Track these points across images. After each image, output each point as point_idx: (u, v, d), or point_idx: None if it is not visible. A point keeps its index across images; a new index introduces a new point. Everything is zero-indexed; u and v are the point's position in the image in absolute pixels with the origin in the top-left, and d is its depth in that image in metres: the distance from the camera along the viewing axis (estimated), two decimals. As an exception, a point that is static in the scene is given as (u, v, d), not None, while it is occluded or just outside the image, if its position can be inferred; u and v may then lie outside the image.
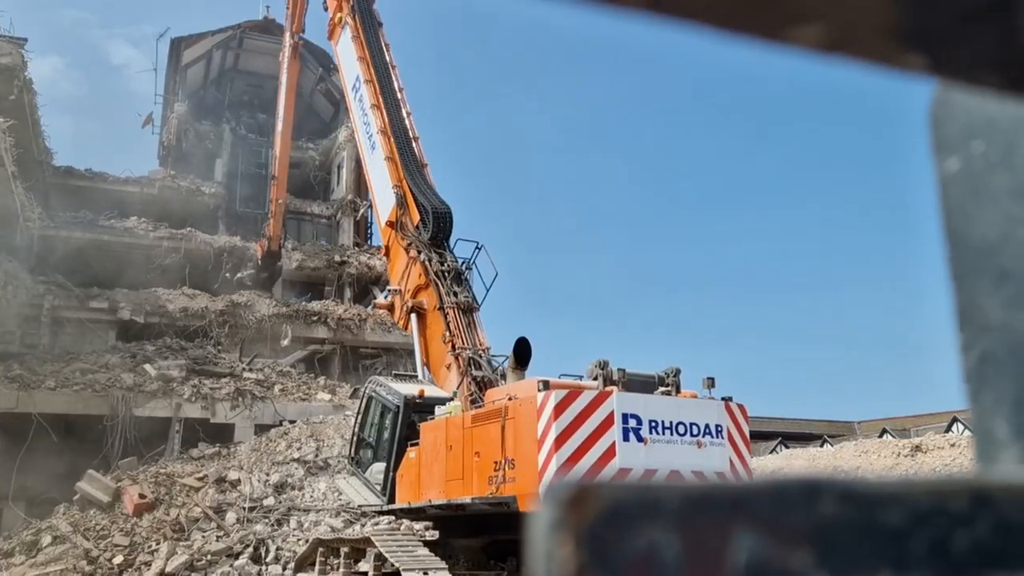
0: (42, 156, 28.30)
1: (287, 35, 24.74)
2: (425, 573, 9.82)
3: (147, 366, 23.44)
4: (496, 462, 9.60)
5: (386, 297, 14.36)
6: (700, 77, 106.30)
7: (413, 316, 13.12)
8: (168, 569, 15.51)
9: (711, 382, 10.16)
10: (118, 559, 15.88)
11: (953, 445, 20.44)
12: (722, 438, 9.68)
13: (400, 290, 13.67)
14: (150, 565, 15.68)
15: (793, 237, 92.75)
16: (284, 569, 15.57)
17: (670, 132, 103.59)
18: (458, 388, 11.71)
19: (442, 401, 11.57)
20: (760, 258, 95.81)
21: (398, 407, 12.10)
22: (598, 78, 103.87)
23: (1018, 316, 0.52)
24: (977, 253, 0.55)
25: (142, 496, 17.63)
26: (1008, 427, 0.52)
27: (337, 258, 32.88)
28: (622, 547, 0.33)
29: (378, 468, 12.33)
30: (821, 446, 29.29)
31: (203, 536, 16.69)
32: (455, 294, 12.59)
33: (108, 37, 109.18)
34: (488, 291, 13.14)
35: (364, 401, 13.37)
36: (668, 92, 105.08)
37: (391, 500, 11.80)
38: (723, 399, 10.04)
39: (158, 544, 16.27)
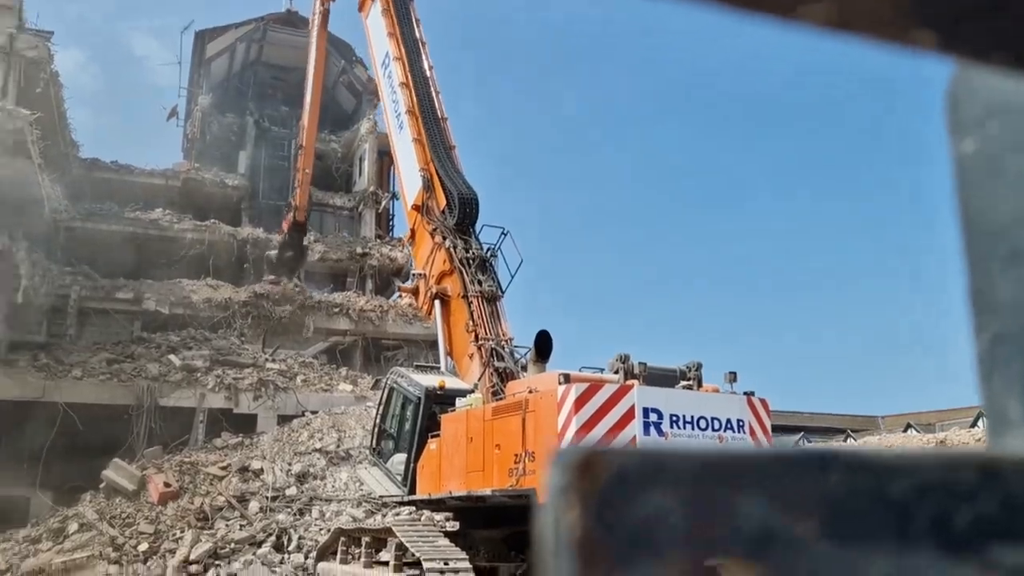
0: (68, 149, 28.63)
1: (316, 2, 24.79)
2: (446, 563, 9.85)
3: (172, 356, 23.68)
4: (516, 455, 9.61)
5: (411, 281, 14.33)
6: (706, 72, 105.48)
7: (437, 302, 13.11)
8: (192, 556, 15.69)
9: (733, 376, 10.09)
10: (143, 546, 16.09)
11: (978, 440, 20.21)
12: (744, 433, 9.63)
13: (425, 275, 13.64)
14: (174, 552, 15.87)
15: (814, 231, 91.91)
16: (306, 558, 15.70)
17: (679, 129, 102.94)
18: (479, 380, 11.71)
19: (463, 393, 11.58)
20: (782, 252, 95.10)
21: (419, 398, 12.12)
22: (612, 73, 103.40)
23: None
24: (991, 234, 0.54)
25: (167, 485, 17.84)
26: (1020, 407, 0.52)
27: (359, 250, 33.01)
28: (629, 512, 0.33)
29: (399, 459, 12.38)
30: (844, 440, 29.09)
31: (226, 525, 16.87)
32: (479, 282, 12.56)
33: (130, 29, 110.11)
34: (513, 278, 13.08)
35: (385, 392, 13.40)
36: (678, 88, 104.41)
37: (412, 491, 11.84)
38: (745, 393, 9.98)
39: (182, 532, 16.47)
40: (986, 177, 0.55)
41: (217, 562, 15.73)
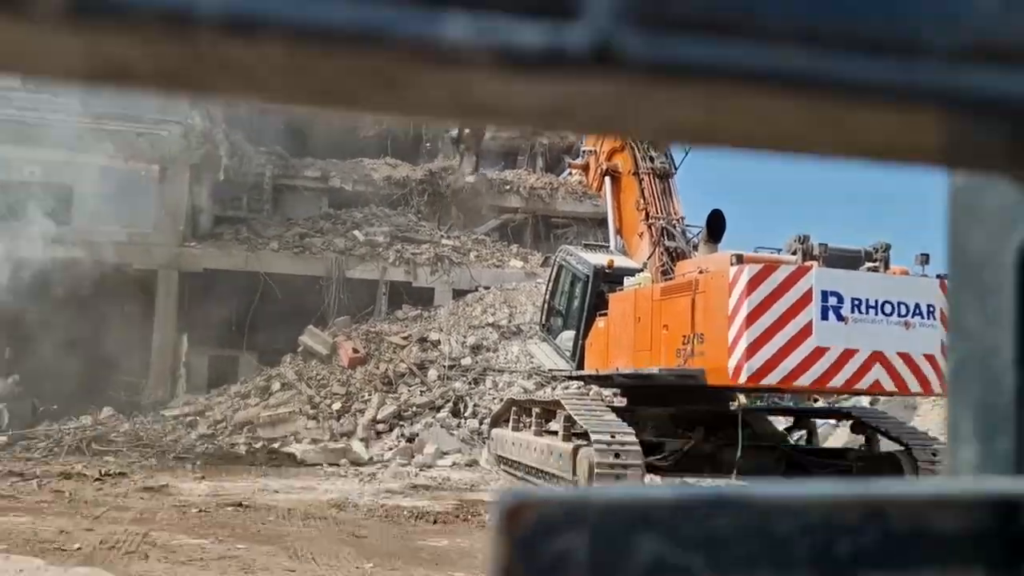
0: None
1: None
2: (613, 436, 10.06)
3: (355, 232, 25.00)
4: (684, 336, 9.51)
5: (581, 158, 14.15)
6: None
7: (607, 179, 12.87)
8: (379, 417, 17.05)
9: (925, 258, 9.39)
10: (336, 406, 17.62)
11: None
12: (934, 319, 8.99)
13: (595, 151, 13.39)
14: (363, 412, 17.30)
15: None
16: (481, 424, 16.63)
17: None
18: (649, 259, 11.56)
19: (631, 272, 11.50)
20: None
21: (588, 277, 12.17)
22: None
23: (991, 331, 0.58)
24: (966, 267, 0.59)
25: (355, 351, 19.27)
26: (971, 424, 0.59)
27: (530, 127, 32.91)
28: (544, 550, 0.40)
29: (568, 336, 12.61)
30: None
31: (408, 390, 18.11)
32: (651, 159, 12.19)
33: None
34: (687, 154, 12.57)
35: (555, 270, 13.55)
36: None
37: (580, 366, 12.09)
38: (938, 276, 9.25)
39: (370, 394, 17.86)
40: (967, 211, 0.59)
41: (401, 423, 17.01)
